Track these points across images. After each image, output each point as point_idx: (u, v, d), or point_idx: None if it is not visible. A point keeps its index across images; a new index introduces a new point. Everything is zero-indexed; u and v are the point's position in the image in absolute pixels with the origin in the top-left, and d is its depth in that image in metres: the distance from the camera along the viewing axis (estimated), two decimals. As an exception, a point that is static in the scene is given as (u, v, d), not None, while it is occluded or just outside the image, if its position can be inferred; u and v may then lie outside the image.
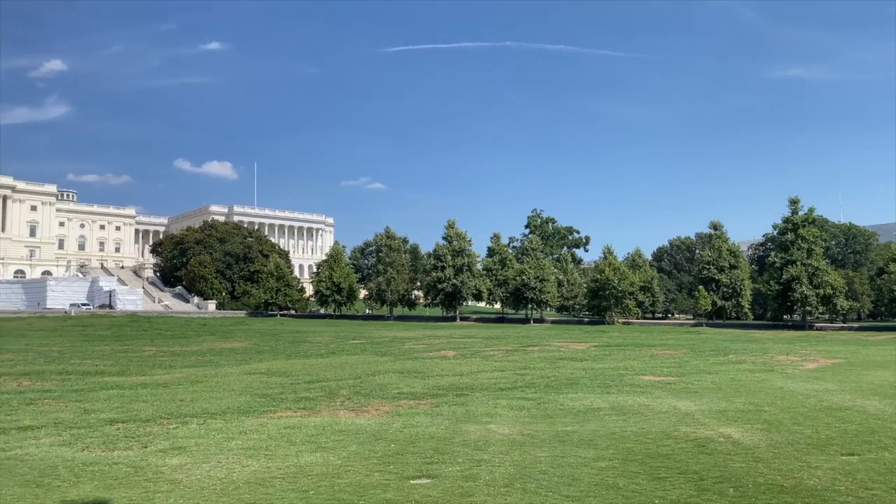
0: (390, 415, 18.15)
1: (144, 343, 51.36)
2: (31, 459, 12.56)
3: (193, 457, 12.88)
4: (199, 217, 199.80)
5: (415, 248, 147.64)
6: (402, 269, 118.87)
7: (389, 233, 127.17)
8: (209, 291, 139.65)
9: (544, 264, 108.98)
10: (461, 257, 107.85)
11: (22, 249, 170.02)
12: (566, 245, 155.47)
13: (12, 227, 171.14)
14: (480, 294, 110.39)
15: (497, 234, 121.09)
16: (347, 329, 76.73)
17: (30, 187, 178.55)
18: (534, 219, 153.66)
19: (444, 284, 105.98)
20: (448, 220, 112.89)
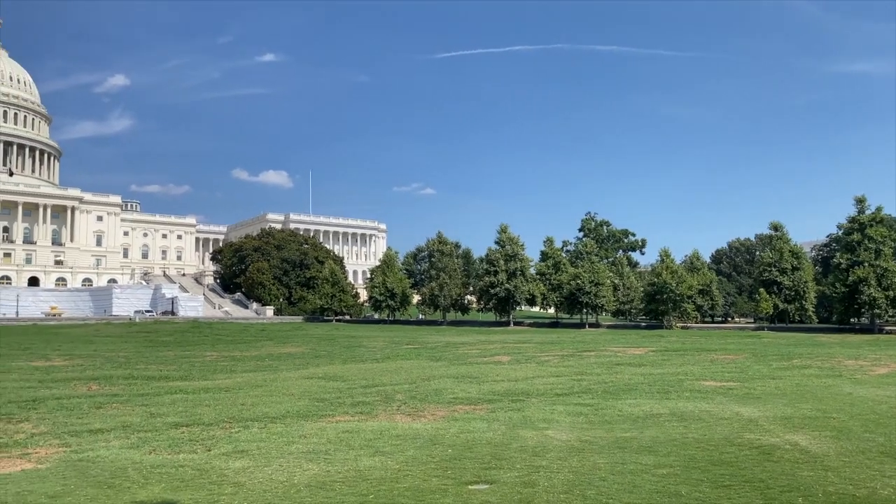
0: (446, 420, 18.17)
1: (206, 348, 52.68)
2: (102, 461, 13.02)
3: (255, 460, 13.15)
4: (256, 225, 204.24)
5: (467, 253, 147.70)
6: (454, 274, 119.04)
7: (441, 238, 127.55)
8: (267, 297, 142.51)
9: (599, 268, 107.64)
10: (514, 262, 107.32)
11: (89, 258, 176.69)
12: (621, 248, 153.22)
13: (80, 237, 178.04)
14: (534, 299, 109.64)
15: (550, 238, 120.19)
16: (401, 334, 77.22)
17: (96, 198, 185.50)
18: (588, 222, 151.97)
19: (497, 289, 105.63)
20: (500, 224, 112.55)
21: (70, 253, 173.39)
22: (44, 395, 23.36)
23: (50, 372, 32.68)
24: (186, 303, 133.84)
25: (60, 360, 40.34)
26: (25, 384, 27.18)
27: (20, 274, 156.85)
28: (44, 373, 32.24)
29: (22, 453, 13.83)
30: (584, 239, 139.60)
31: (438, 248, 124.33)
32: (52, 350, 48.59)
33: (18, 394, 23.87)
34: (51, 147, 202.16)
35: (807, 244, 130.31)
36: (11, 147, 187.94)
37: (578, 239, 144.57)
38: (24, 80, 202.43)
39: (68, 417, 18.63)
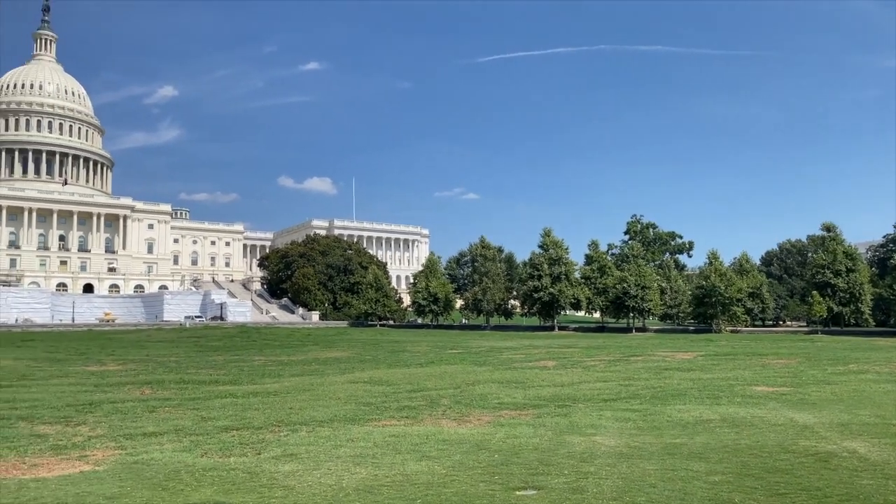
0: (492, 425, 18.11)
1: (254, 353, 53.55)
2: (157, 464, 13.33)
3: (304, 463, 13.29)
4: (301, 231, 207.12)
5: (510, 258, 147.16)
6: (497, 279, 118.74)
7: (484, 242, 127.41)
8: (313, 303, 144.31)
9: (646, 271, 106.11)
10: (558, 266, 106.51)
11: (141, 265, 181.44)
12: (668, 251, 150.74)
13: (131, 244, 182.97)
14: (579, 303, 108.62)
15: (595, 242, 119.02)
16: (444, 339, 77.29)
17: (147, 207, 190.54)
18: (633, 224, 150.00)
19: (541, 293, 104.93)
20: (544, 228, 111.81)
21: (122, 260, 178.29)
22: (99, 399, 24.03)
23: (105, 376, 33.62)
24: (235, 308, 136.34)
25: (114, 364, 41.48)
26: (82, 388, 28.01)
27: (75, 281, 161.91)
28: (99, 377, 33.18)
29: (80, 455, 14.24)
30: (629, 242, 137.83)
31: (481, 253, 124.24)
32: (107, 355, 49.99)
33: (76, 397, 24.60)
34: (103, 157, 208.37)
35: (862, 245, 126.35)
36: (66, 158, 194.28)
37: (624, 242, 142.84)
38: (79, 93, 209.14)
39: (123, 421, 19.12)
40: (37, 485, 11.71)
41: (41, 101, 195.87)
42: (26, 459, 13.85)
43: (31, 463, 13.53)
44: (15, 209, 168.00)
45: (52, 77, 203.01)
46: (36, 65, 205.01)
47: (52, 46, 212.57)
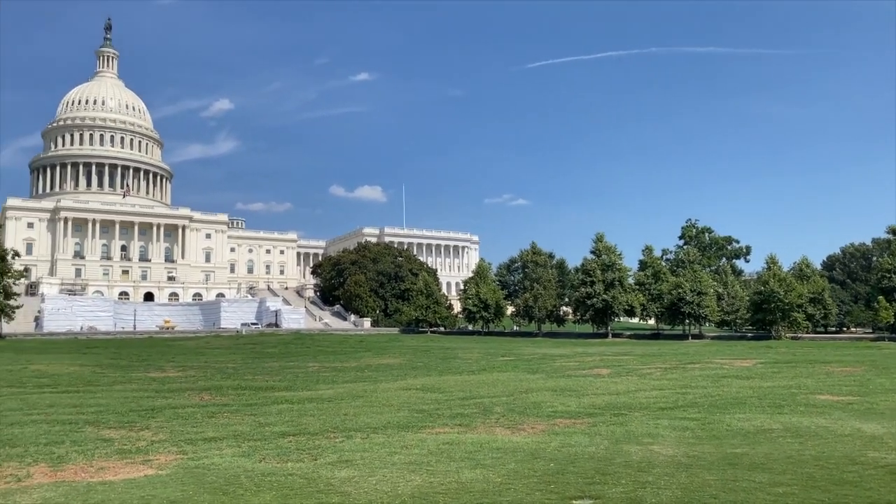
0: (546, 433, 17.95)
1: (308, 359, 54.30)
2: (217, 469, 13.61)
3: (360, 470, 13.40)
4: (353, 239, 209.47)
5: (561, 263, 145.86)
6: (549, 285, 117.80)
7: (535, 248, 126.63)
8: (364, 309, 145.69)
9: (702, 277, 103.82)
10: (611, 272, 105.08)
11: (199, 274, 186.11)
12: (725, 256, 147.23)
13: (190, 253, 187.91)
14: (633, 309, 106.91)
15: (649, 247, 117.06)
16: (496, 346, 77.02)
17: (204, 217, 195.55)
18: (688, 229, 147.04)
19: (594, 300, 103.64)
20: (596, 233, 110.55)
21: (181, 269, 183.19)
22: (161, 405, 24.69)
23: (165, 382, 34.55)
24: (289, 315, 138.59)
25: (174, 371, 42.59)
26: (144, 394, 28.85)
27: (137, 290, 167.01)
28: (160, 383, 34.11)
29: (144, 460, 14.65)
30: (684, 247, 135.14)
31: (532, 259, 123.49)
32: (167, 361, 51.40)
33: (139, 403, 25.35)
34: (163, 170, 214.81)
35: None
36: (128, 170, 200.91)
37: (679, 247, 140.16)
38: (139, 107, 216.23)
39: (184, 426, 19.59)
40: (104, 488, 12.09)
41: (104, 116, 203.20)
42: (93, 463, 14.31)
43: (98, 466, 13.98)
44: (80, 221, 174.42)
45: (114, 93, 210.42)
46: (99, 81, 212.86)
47: (114, 63, 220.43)
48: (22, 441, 16.77)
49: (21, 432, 18.24)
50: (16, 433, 18.09)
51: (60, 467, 13.84)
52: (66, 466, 13.91)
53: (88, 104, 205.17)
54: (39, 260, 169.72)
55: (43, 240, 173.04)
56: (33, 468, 13.74)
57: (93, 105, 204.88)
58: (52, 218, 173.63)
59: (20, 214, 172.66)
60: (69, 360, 52.36)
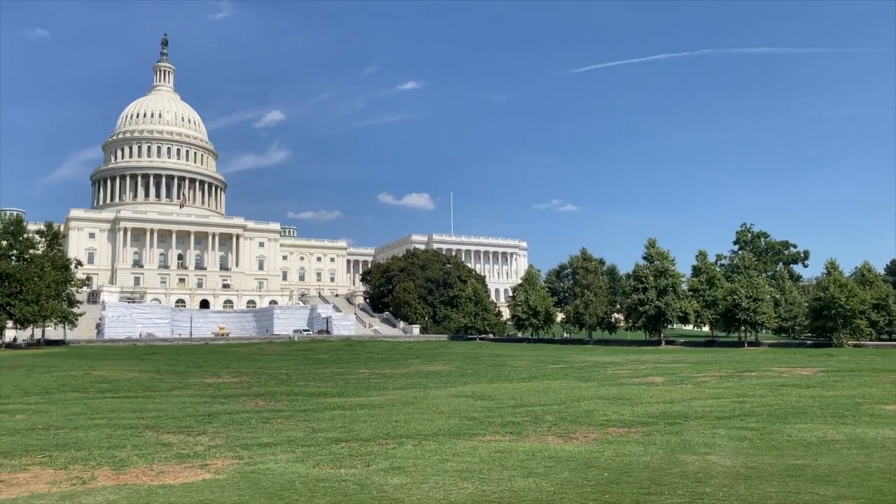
0: (599, 442, 17.69)
1: (358, 366, 54.75)
2: (272, 474, 13.81)
3: (412, 477, 13.42)
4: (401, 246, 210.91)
5: (612, 270, 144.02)
6: (599, 292, 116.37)
7: (585, 254, 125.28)
8: (413, 316, 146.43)
9: (758, 282, 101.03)
10: (664, 278, 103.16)
11: (252, 282, 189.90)
12: (782, 261, 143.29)
13: (243, 261, 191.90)
14: (686, 316, 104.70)
15: (703, 252, 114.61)
16: (546, 353, 76.36)
17: (257, 226, 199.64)
18: (743, 234, 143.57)
19: (647, 307, 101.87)
20: (648, 238, 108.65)
21: (235, 277, 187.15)
22: (217, 410, 25.20)
23: (221, 388, 35.26)
24: (339, 322, 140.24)
25: (229, 377, 43.44)
26: (201, 399, 29.49)
27: (193, 297, 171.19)
28: (216, 389, 34.83)
29: (202, 464, 14.96)
30: (739, 252, 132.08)
31: (582, 265, 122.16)
32: (222, 367, 52.48)
33: (196, 408, 25.92)
34: (217, 180, 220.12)
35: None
36: (184, 181, 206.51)
37: (733, 252, 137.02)
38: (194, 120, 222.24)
39: (239, 431, 19.95)
40: (164, 491, 12.39)
41: (161, 128, 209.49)
42: (154, 467, 14.68)
43: (159, 470, 14.33)
44: (138, 231, 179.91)
45: (171, 106, 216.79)
46: (156, 95, 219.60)
47: (170, 77, 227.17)
48: (86, 444, 17.32)
49: (85, 436, 18.84)
50: (80, 437, 18.69)
51: (123, 470, 14.23)
52: (128, 470, 14.30)
53: (146, 117, 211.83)
54: (100, 269, 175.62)
55: (104, 249, 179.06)
56: (97, 471, 14.17)
57: (150, 118, 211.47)
58: (113, 228, 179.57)
59: (82, 225, 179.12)
60: (129, 366, 53.93)
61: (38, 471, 14.24)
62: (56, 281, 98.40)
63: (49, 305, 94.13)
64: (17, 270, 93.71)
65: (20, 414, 24.02)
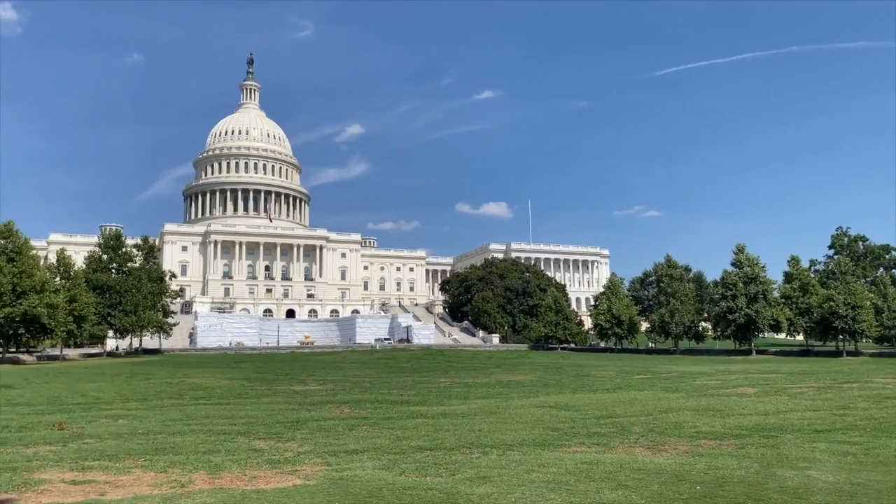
0: (690, 455, 17.13)
1: (439, 374, 55.03)
2: (360, 481, 14.01)
3: (498, 487, 13.34)
4: (479, 256, 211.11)
5: (699, 277, 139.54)
6: (685, 300, 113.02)
7: (670, 261, 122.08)
8: (492, 325, 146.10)
9: (856, 289, 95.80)
10: (754, 284, 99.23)
11: (335, 291, 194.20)
12: (882, 266, 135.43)
13: (326, 272, 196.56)
14: (779, 324, 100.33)
15: (795, 257, 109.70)
16: (630, 363, 74.69)
17: (339, 237, 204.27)
18: (839, 238, 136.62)
19: (736, 315, 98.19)
20: (736, 244, 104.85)
21: (319, 287, 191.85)
22: (305, 417, 25.81)
23: (308, 395, 36.12)
24: (419, 331, 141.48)
25: (315, 384, 44.46)
26: (289, 406, 30.28)
27: (279, 307, 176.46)
28: (303, 396, 35.71)
29: (292, 470, 15.34)
30: (835, 257, 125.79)
31: (667, 272, 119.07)
32: (308, 375, 53.78)
33: (284, 415, 26.63)
34: (301, 193, 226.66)
35: None
36: (270, 195, 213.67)
37: (829, 257, 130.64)
38: (279, 135, 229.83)
39: (327, 438, 20.35)
40: (257, 496, 12.76)
41: (248, 145, 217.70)
42: (246, 472, 15.15)
43: (251, 475, 14.78)
44: (228, 243, 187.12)
45: (257, 123, 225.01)
46: (242, 112, 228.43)
47: (256, 95, 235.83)
48: (183, 449, 18.05)
49: (182, 441, 19.64)
50: (177, 441, 19.51)
51: (218, 475, 14.75)
52: (223, 474, 14.81)
53: (234, 134, 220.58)
54: (193, 280, 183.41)
55: (196, 261, 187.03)
56: (194, 475, 14.74)
57: (238, 135, 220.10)
58: (204, 241, 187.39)
59: (175, 238, 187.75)
60: (220, 373, 56.01)
61: (140, 473, 14.94)
62: (152, 292, 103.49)
63: (146, 316, 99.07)
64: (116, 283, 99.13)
65: (122, 419, 25.29)
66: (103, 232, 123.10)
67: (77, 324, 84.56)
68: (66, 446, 18.62)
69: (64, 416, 25.62)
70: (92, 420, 24.79)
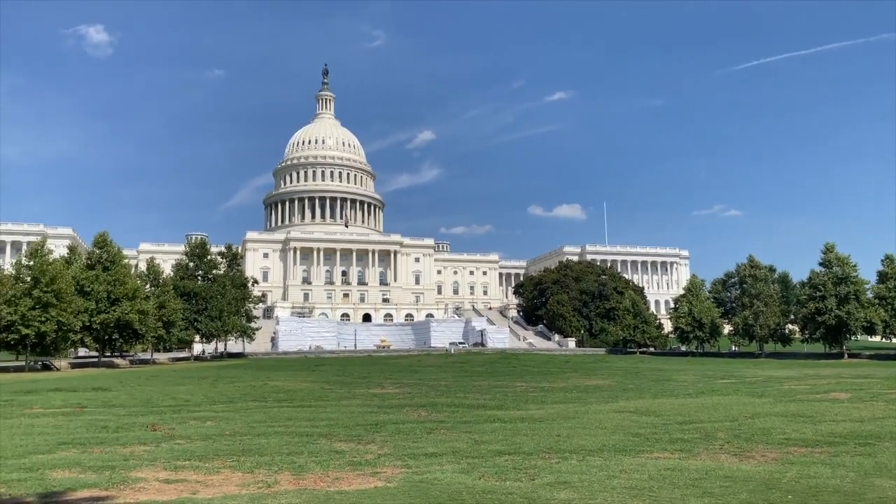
0: (779, 462, 16.48)
1: (515, 379, 54.76)
2: (440, 484, 14.10)
3: (580, 493, 13.17)
4: (553, 258, 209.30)
5: (784, 277, 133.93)
6: (770, 301, 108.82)
7: (753, 261, 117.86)
8: (568, 329, 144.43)
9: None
10: (845, 285, 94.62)
11: (409, 296, 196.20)
12: None
13: (401, 276, 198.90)
14: (872, 326, 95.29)
15: (889, 256, 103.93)
16: (713, 367, 72.41)
17: (413, 242, 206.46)
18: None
19: (825, 316, 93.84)
20: (825, 243, 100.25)
21: (394, 291, 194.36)
22: (383, 420, 26.17)
23: (385, 399, 36.60)
24: (493, 335, 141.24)
25: (392, 387, 45.02)
26: (367, 409, 30.76)
27: (356, 311, 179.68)
28: (380, 399, 36.21)
29: (373, 472, 15.58)
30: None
31: (750, 273, 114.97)
32: (385, 378, 54.51)
33: (364, 418, 27.08)
34: (376, 200, 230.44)
35: None
36: (346, 202, 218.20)
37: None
38: (354, 144, 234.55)
39: (405, 441, 20.57)
40: (340, 497, 13.02)
41: (324, 153, 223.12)
42: (329, 473, 15.47)
43: (334, 476, 15.09)
44: (306, 250, 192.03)
45: (332, 132, 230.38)
46: (318, 122, 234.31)
47: (331, 105, 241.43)
48: (268, 450, 18.60)
49: (267, 442, 20.25)
50: (263, 443, 20.11)
51: (302, 476, 15.13)
52: (307, 475, 15.18)
53: (310, 144, 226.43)
54: (273, 286, 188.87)
55: (276, 267, 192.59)
56: (279, 475, 15.17)
57: (314, 145, 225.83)
58: (283, 248, 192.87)
59: (257, 246, 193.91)
60: (301, 376, 57.44)
61: (229, 473, 15.48)
62: (236, 298, 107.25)
63: (230, 321, 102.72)
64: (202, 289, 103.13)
65: (210, 421, 26.25)
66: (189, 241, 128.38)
67: (166, 329, 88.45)
68: (159, 447, 19.47)
69: (156, 418, 26.82)
70: (182, 421, 25.84)
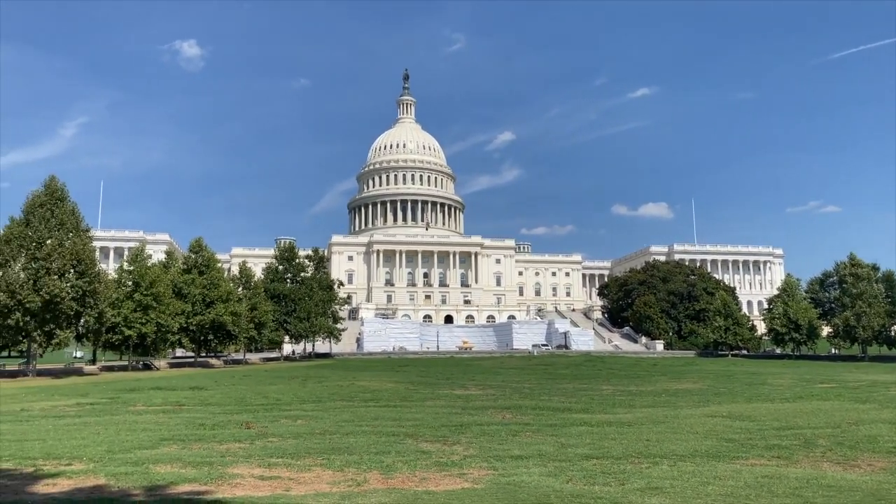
0: (889, 472, 15.55)
1: (600, 381, 53.84)
2: (527, 487, 14.02)
3: (672, 499, 12.82)
4: (639, 259, 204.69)
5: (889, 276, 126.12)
6: (874, 302, 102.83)
7: (854, 260, 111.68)
8: (655, 331, 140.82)
9: None
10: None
11: (490, 297, 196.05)
12: None
13: (482, 278, 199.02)
14: None
15: None
16: (811, 371, 69.06)
17: (493, 243, 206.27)
18: None
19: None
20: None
21: (475, 293, 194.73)
22: (468, 421, 26.23)
23: (469, 400, 36.68)
24: (577, 337, 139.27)
25: (475, 389, 45.08)
26: (452, 410, 30.91)
27: (438, 313, 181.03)
28: (464, 401, 36.31)
29: (459, 473, 15.64)
30: None
31: (851, 272, 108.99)
32: (468, 380, 54.64)
33: (448, 419, 27.22)
34: (456, 202, 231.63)
35: None
36: (426, 205, 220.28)
37: None
38: (433, 147, 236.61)
39: (490, 442, 20.56)
40: (429, 497, 13.13)
41: (405, 157, 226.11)
42: (416, 473, 15.64)
43: (421, 476, 15.24)
44: (389, 252, 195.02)
45: (413, 136, 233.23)
46: (399, 127, 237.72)
47: (412, 109, 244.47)
48: (357, 449, 18.97)
49: (355, 441, 20.65)
50: (351, 442, 20.53)
51: (390, 475, 15.35)
52: (395, 475, 15.39)
53: (392, 148, 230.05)
54: (358, 288, 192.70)
55: (360, 270, 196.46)
56: (368, 474, 15.44)
57: (396, 149, 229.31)
58: (367, 251, 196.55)
59: (342, 249, 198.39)
60: (386, 377, 58.34)
61: (320, 471, 15.87)
62: (322, 300, 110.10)
63: (318, 322, 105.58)
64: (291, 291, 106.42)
65: (300, 419, 27.01)
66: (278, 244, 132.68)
67: (257, 330, 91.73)
68: (253, 444, 20.17)
69: (249, 416, 27.81)
70: (274, 420, 26.69)
